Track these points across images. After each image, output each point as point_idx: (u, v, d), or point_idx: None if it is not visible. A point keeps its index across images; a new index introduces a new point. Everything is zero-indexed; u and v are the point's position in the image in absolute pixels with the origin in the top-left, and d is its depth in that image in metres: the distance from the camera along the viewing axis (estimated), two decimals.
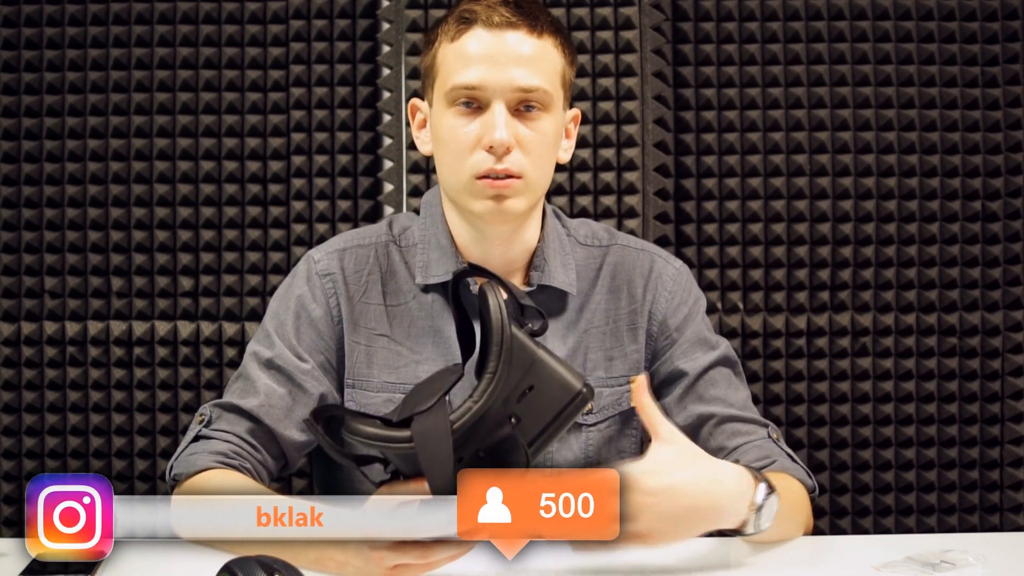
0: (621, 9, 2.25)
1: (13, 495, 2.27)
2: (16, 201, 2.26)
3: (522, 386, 1.12)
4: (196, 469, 1.41)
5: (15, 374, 2.27)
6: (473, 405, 1.12)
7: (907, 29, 2.26)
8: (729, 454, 1.50)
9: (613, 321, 1.56)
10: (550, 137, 1.46)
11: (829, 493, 2.29)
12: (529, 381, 1.13)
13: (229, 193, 2.27)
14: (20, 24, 2.26)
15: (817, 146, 2.27)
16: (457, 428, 1.11)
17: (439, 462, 1.09)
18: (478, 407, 1.12)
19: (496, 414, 1.12)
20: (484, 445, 1.10)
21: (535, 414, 1.11)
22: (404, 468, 1.16)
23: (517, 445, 1.10)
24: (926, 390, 2.28)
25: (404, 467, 1.16)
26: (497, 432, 1.12)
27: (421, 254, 1.53)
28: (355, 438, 1.15)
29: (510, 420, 1.11)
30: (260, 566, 1.09)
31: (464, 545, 1.16)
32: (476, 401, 1.12)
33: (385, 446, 1.14)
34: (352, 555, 1.21)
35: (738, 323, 2.28)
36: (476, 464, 1.13)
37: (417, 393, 1.22)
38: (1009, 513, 2.29)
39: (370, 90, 2.27)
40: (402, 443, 1.13)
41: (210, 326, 2.27)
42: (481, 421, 1.12)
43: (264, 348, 1.51)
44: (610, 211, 2.25)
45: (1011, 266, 2.27)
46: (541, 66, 1.44)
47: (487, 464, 1.13)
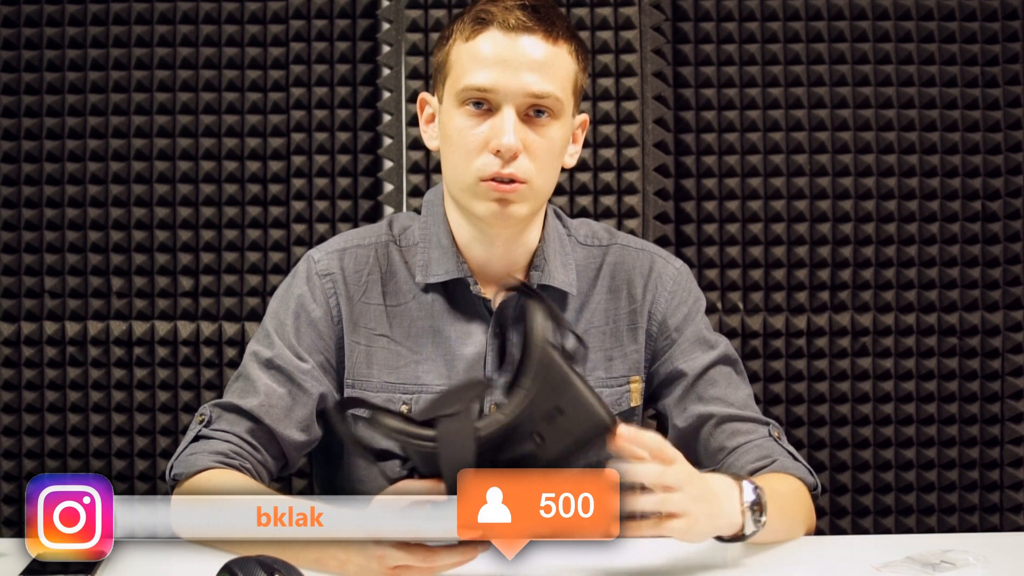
0: (621, 9, 2.25)
1: (13, 495, 2.27)
2: (16, 201, 2.26)
3: (551, 407, 1.13)
4: (196, 469, 1.41)
5: (15, 374, 2.27)
6: (501, 417, 1.14)
7: (907, 29, 2.26)
8: (729, 454, 1.50)
9: (613, 321, 1.56)
10: (558, 144, 1.45)
11: (829, 493, 2.29)
12: (559, 403, 1.14)
13: (229, 193, 2.27)
14: (20, 24, 2.26)
15: (817, 146, 2.27)
16: (482, 436, 1.12)
17: (460, 465, 1.09)
18: (506, 420, 1.13)
19: (522, 429, 1.13)
20: (504, 457, 1.11)
21: (558, 437, 1.12)
22: (422, 467, 1.16)
23: (536, 463, 1.11)
24: (926, 390, 2.28)
25: (422, 466, 1.16)
26: (519, 447, 1.13)
27: (422, 253, 1.53)
28: (379, 430, 1.16)
29: (533, 437, 1.12)
30: (260, 566, 1.09)
31: (469, 553, 1.16)
32: (505, 413, 1.13)
33: (408, 441, 1.15)
34: (353, 554, 1.21)
35: (738, 323, 2.28)
36: None
37: (444, 399, 1.23)
38: (1009, 513, 2.29)
39: (370, 90, 2.27)
40: (426, 441, 1.14)
41: (210, 326, 2.27)
42: (506, 433, 1.13)
43: (264, 348, 1.51)
44: (610, 211, 2.25)
45: (1011, 266, 2.27)
46: (554, 72, 1.43)
47: None
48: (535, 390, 1.13)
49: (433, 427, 1.13)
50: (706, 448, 1.52)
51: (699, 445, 1.53)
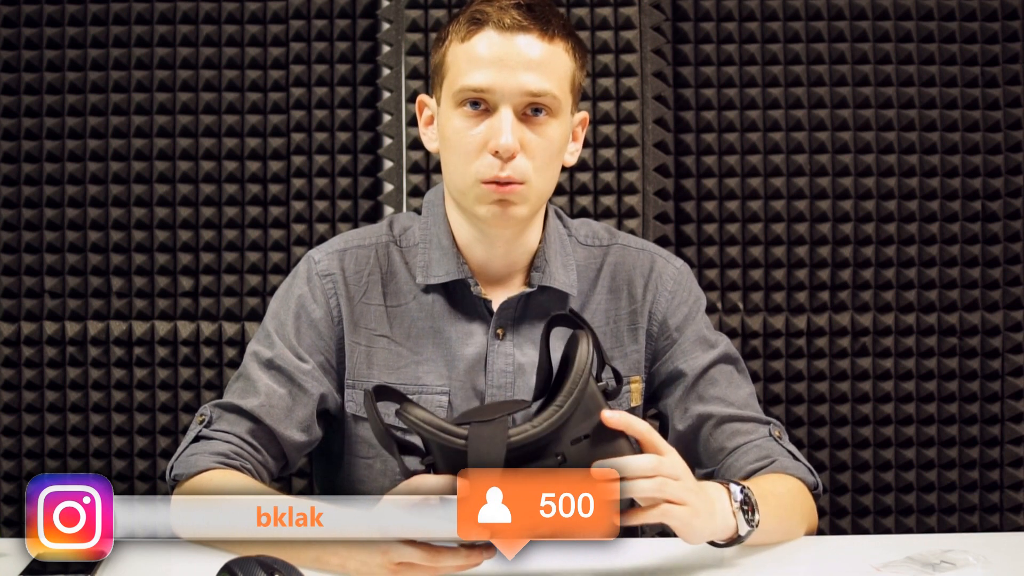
0: (621, 9, 2.25)
1: (13, 495, 2.27)
2: (16, 201, 2.26)
3: (580, 432, 1.16)
4: (197, 469, 1.41)
5: (15, 374, 2.27)
6: (531, 429, 1.16)
7: (907, 29, 2.26)
8: (729, 455, 1.50)
9: (613, 321, 1.56)
10: (556, 143, 1.45)
11: (829, 493, 2.29)
12: (587, 431, 1.17)
13: (229, 193, 2.27)
14: (20, 24, 2.26)
15: (817, 146, 2.27)
16: (512, 442, 1.14)
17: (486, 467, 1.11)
18: (536, 431, 1.16)
19: (549, 446, 1.16)
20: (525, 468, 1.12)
21: (578, 462, 1.15)
22: (443, 464, 1.17)
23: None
24: (926, 390, 2.28)
25: (444, 463, 1.17)
26: (541, 462, 1.16)
27: (422, 254, 1.53)
28: (409, 420, 1.17)
29: (556, 456, 1.15)
30: (260, 566, 1.09)
31: (475, 557, 1.17)
32: (535, 426, 1.16)
33: (438, 435, 1.16)
34: (355, 550, 1.21)
35: (738, 323, 2.28)
36: None
37: (482, 409, 1.29)
38: (1009, 513, 2.29)
39: (370, 90, 2.27)
40: (456, 437, 1.16)
41: (210, 326, 2.27)
42: (534, 445, 1.15)
43: (264, 348, 1.50)
44: (610, 211, 2.25)
45: (1011, 266, 2.27)
46: (551, 71, 1.42)
47: None
48: (569, 413, 1.17)
49: (464, 428, 1.16)
50: (706, 448, 1.52)
51: (699, 445, 1.53)
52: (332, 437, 1.54)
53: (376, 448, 1.50)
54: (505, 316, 1.51)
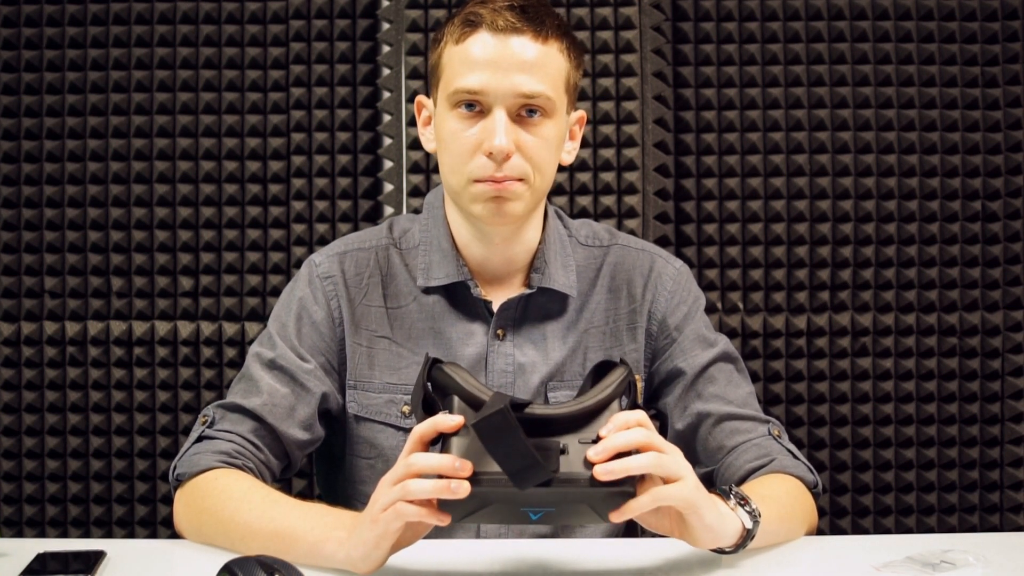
0: (621, 9, 2.25)
1: (13, 495, 2.27)
2: (16, 201, 2.26)
3: (593, 436, 1.16)
4: (199, 469, 1.41)
5: (15, 374, 2.27)
6: (551, 409, 1.17)
7: (907, 29, 2.27)
8: (728, 453, 1.50)
9: (613, 321, 1.56)
10: (552, 142, 1.45)
11: (829, 493, 2.29)
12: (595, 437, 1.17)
13: (229, 193, 2.27)
14: (20, 24, 2.26)
15: (817, 146, 2.27)
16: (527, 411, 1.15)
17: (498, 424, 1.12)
18: (554, 412, 1.17)
19: (559, 430, 1.16)
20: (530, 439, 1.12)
21: (576, 460, 1.15)
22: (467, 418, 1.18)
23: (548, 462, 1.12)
24: (926, 390, 2.28)
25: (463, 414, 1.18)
26: (546, 441, 1.15)
27: (423, 256, 1.53)
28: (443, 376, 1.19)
29: (561, 444, 1.16)
30: (260, 566, 1.09)
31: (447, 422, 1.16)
32: (554, 407, 1.17)
33: (467, 380, 1.18)
34: (347, 518, 1.23)
35: (738, 323, 2.28)
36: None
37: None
38: (1009, 513, 2.29)
39: (370, 90, 2.27)
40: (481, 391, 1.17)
41: (210, 326, 2.28)
42: (548, 423, 1.16)
43: (266, 349, 1.51)
44: (610, 211, 2.25)
45: (1011, 266, 2.27)
46: (545, 72, 1.43)
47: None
48: (589, 410, 1.18)
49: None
50: (705, 447, 1.52)
51: (698, 444, 1.53)
52: (333, 438, 1.55)
53: (378, 448, 1.51)
54: (505, 317, 1.51)
